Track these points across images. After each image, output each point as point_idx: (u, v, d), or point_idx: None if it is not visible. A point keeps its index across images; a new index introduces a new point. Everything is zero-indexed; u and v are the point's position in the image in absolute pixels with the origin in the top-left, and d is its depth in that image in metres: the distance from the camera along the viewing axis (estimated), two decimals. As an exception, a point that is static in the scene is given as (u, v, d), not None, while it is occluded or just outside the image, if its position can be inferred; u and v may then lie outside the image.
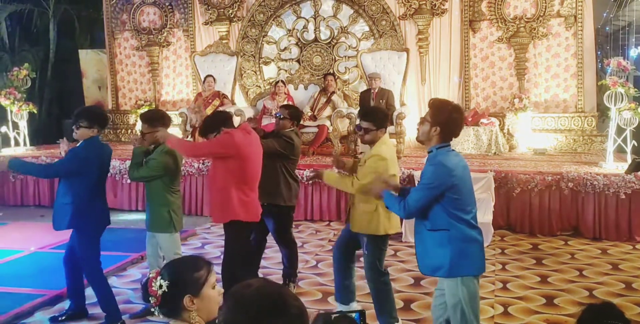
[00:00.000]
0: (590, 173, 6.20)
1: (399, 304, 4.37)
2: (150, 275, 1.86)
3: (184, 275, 1.85)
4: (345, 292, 4.00)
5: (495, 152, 7.88)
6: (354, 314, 1.44)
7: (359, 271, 4.03)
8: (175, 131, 8.28)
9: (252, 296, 1.38)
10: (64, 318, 4.12)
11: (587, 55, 8.26)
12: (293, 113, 4.57)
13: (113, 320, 3.97)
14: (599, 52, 8.73)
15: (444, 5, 8.68)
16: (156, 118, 4.04)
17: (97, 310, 4.12)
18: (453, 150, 3.00)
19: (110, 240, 6.09)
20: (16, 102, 8.60)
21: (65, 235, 6.26)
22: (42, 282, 4.87)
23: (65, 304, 4.41)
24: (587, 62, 8.27)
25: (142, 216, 5.21)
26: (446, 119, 2.91)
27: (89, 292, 4.14)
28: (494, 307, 4.32)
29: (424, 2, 8.71)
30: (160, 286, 1.82)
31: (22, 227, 6.85)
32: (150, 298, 1.83)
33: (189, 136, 8.23)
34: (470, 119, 8.20)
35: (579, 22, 8.23)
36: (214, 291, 1.87)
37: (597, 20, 8.63)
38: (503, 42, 8.57)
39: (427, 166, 2.96)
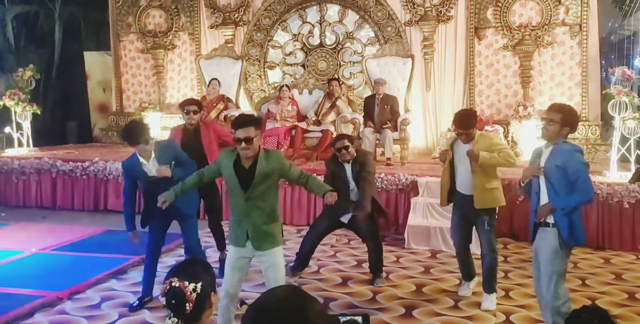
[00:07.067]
0: (594, 182, 6.14)
1: (400, 311, 4.36)
2: (174, 284, 1.90)
3: (207, 274, 1.96)
4: (471, 269, 4.67)
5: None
6: (359, 318, 1.42)
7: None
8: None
9: (273, 308, 1.32)
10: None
11: (591, 64, 8.25)
12: (350, 139, 5.00)
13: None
14: (603, 61, 8.71)
15: (449, 12, 8.69)
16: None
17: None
18: None
19: (111, 242, 6.12)
20: (20, 103, 8.61)
21: (65, 237, 6.29)
22: (43, 283, 4.86)
23: (65, 306, 4.41)
24: (592, 71, 8.26)
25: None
26: (575, 121, 3.57)
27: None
28: (496, 315, 4.30)
29: (430, 8, 8.72)
30: (194, 289, 1.89)
31: (24, 228, 6.84)
32: (186, 305, 1.88)
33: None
34: (474, 126, 8.17)
35: (584, 31, 8.23)
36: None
37: (602, 30, 8.61)
38: (508, 50, 8.57)
39: (572, 153, 3.46)
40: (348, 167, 4.92)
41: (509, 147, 4.60)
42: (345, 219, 5.00)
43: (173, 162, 4.27)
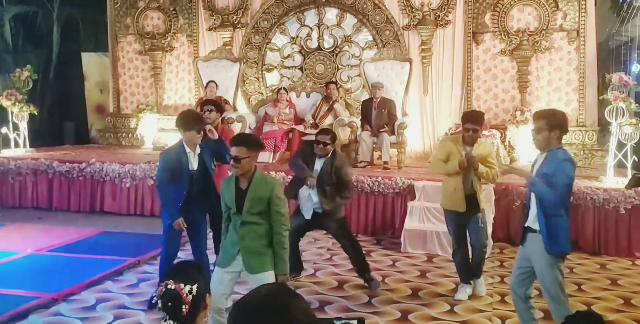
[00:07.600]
0: (591, 187, 6.19)
1: (396, 314, 4.36)
2: (170, 287, 1.90)
3: (201, 276, 1.99)
4: (469, 271, 4.75)
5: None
6: (355, 322, 1.42)
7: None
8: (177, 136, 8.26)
9: (256, 304, 1.33)
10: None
11: (589, 69, 8.28)
12: (333, 137, 4.92)
13: None
14: (600, 67, 8.75)
15: (447, 17, 8.71)
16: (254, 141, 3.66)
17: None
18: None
19: (107, 244, 6.11)
20: (17, 103, 8.58)
21: (61, 238, 6.27)
22: (38, 284, 4.84)
23: (60, 308, 4.39)
24: (589, 76, 8.29)
25: (139, 220, 5.19)
26: (561, 122, 3.48)
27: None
28: (492, 320, 4.29)
29: (428, 13, 8.74)
30: (190, 291, 1.90)
31: (20, 229, 6.81)
32: (183, 307, 1.89)
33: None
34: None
35: (581, 37, 8.26)
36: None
37: (599, 35, 8.65)
38: (506, 55, 8.59)
39: (563, 162, 3.38)
40: (319, 162, 4.83)
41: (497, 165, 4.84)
42: (307, 215, 4.88)
43: (214, 159, 4.41)
